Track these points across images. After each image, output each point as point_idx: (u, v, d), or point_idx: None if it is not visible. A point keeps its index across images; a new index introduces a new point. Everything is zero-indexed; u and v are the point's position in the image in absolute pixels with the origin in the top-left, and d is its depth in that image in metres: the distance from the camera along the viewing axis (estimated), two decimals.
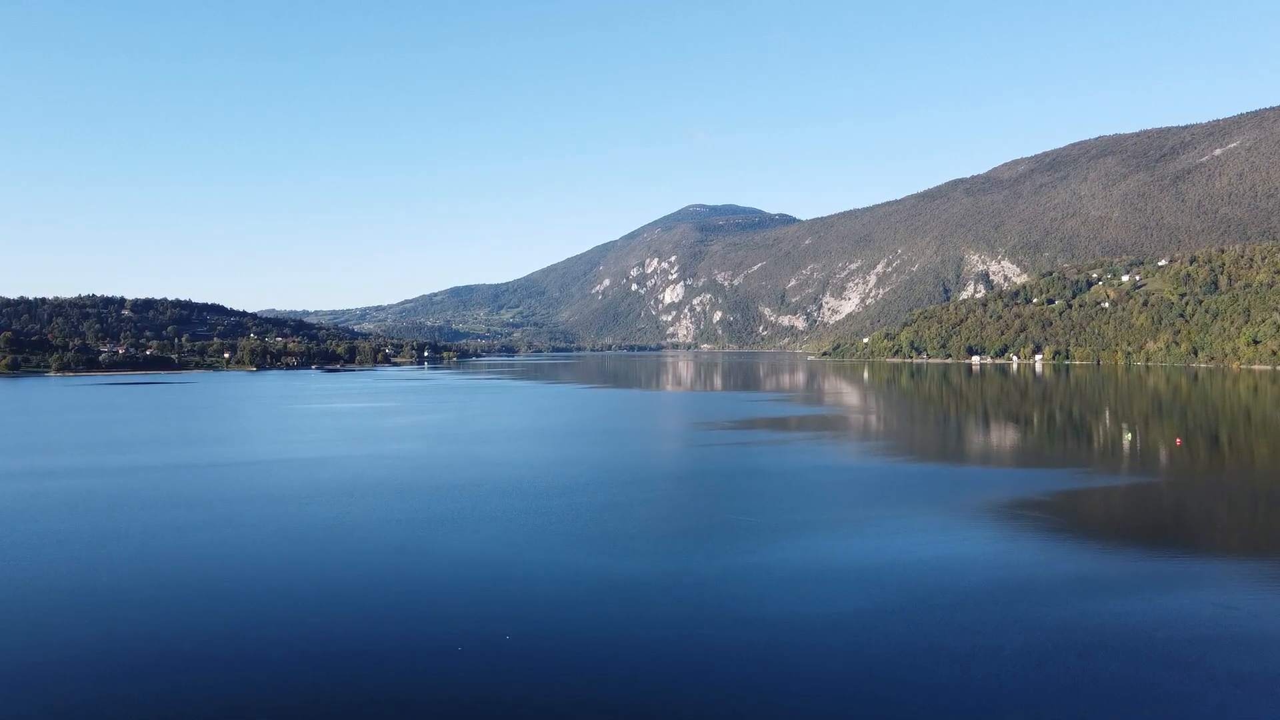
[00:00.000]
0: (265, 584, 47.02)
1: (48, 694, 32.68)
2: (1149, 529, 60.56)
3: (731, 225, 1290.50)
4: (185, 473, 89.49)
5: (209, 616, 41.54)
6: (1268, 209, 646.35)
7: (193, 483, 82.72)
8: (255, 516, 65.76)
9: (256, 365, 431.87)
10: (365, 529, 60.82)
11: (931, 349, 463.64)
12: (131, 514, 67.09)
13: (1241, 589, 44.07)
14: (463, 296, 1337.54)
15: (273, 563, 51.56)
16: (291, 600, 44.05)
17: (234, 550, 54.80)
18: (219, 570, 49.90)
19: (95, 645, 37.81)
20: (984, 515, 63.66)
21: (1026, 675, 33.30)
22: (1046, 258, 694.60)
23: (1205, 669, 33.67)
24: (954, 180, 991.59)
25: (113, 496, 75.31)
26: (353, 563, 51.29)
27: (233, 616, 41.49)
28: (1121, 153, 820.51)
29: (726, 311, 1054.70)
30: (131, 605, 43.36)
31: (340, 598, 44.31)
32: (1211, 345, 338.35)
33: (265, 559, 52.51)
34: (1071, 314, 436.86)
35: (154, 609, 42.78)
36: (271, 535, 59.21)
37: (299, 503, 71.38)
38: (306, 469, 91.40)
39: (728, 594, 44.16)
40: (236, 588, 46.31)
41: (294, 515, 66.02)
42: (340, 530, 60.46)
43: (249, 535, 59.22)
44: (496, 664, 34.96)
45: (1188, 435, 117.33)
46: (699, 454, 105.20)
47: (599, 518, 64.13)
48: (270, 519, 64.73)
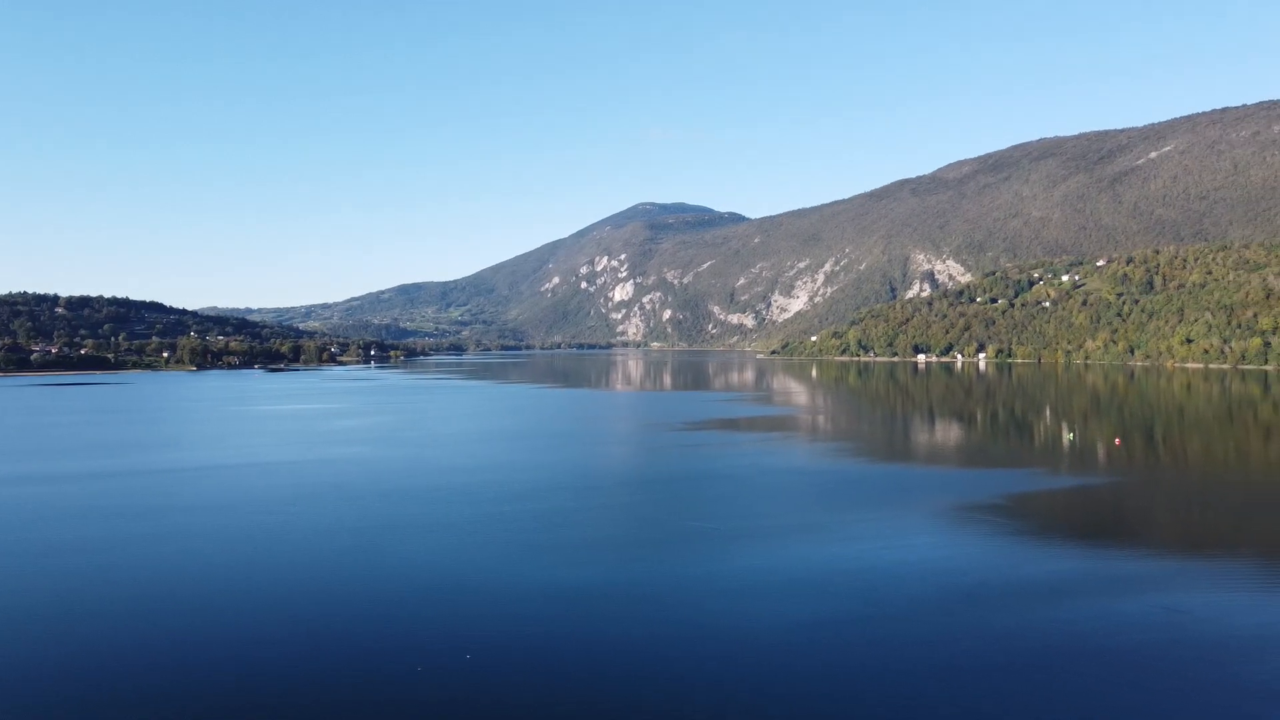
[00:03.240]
0: (209, 600, 45.41)
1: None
2: (1093, 531, 61.49)
3: (681, 224, 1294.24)
4: (123, 481, 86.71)
5: (149, 637, 40.00)
6: (1199, 211, 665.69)
7: (131, 491, 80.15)
8: (196, 527, 63.76)
9: (197, 365, 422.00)
10: (314, 539, 59.31)
11: (879, 348, 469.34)
12: (64, 526, 64.73)
13: (1187, 591, 44.79)
14: (410, 294, 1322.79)
15: (216, 577, 49.88)
16: (238, 617, 42.56)
17: (175, 564, 52.96)
18: (159, 586, 48.11)
19: (34, 664, 36.07)
20: (934, 519, 64.18)
21: (979, 685, 33.39)
22: (990, 257, 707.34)
23: (1153, 674, 34.06)
24: (900, 180, 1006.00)
25: (42, 508, 72.52)
26: (301, 576, 49.88)
27: (174, 637, 39.96)
28: (1062, 155, 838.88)
29: (676, 310, 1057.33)
30: (67, 624, 41.61)
31: (290, 613, 42.98)
32: (1147, 344, 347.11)
33: (208, 573, 50.78)
34: (1014, 313, 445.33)
35: (90, 629, 41.06)
36: (214, 547, 57.36)
37: (243, 512, 69.47)
38: (251, 475, 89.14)
39: (686, 604, 43.75)
40: (178, 605, 44.64)
41: (238, 525, 64.16)
42: (287, 540, 58.87)
43: (190, 547, 57.30)
44: (459, 685, 34.06)
45: (1125, 434, 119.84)
46: (653, 457, 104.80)
47: (554, 525, 63.39)
48: (212, 529, 62.80)
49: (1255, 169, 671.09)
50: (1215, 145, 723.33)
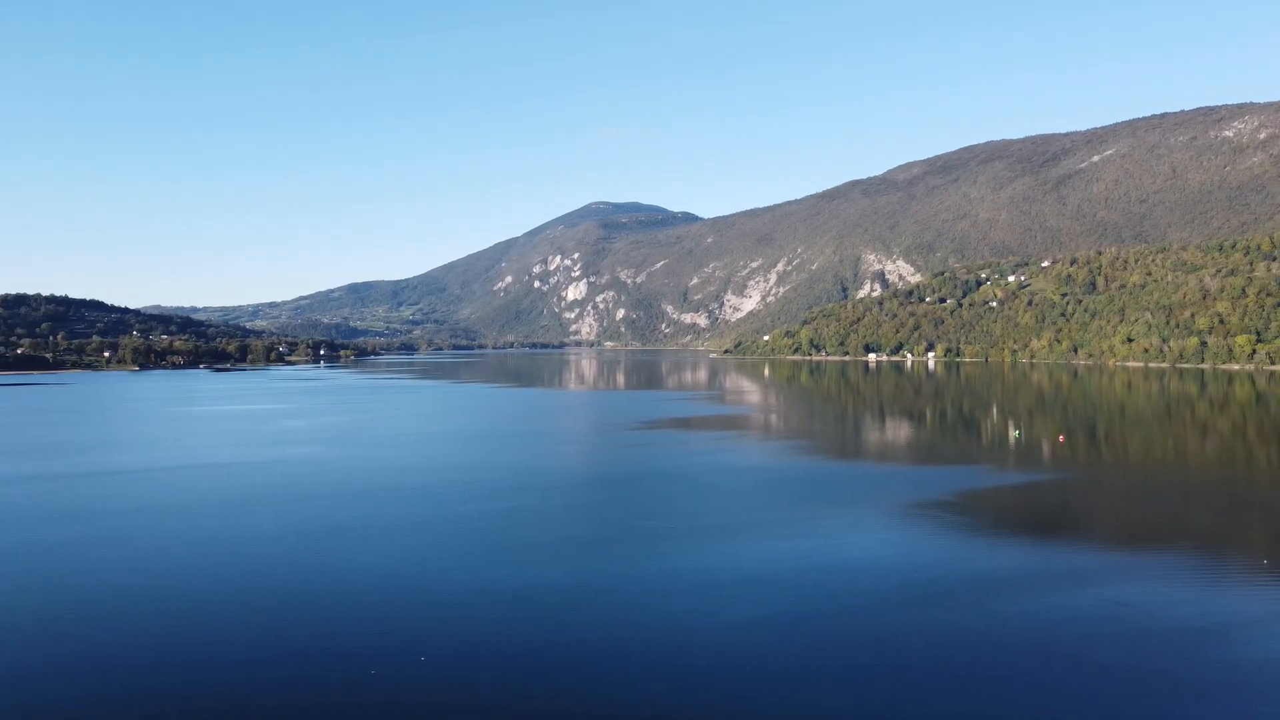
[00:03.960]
0: (153, 605, 44.31)
1: None
2: (1039, 526, 62.69)
3: (635, 223, 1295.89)
4: (62, 483, 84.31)
5: (87, 643, 38.91)
6: (1140, 213, 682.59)
7: (70, 494, 77.98)
8: (139, 530, 62.23)
9: (139, 365, 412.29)
10: (263, 541, 58.23)
11: (830, 347, 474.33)
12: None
13: (1129, 584, 45.83)
14: (361, 293, 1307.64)
15: (160, 581, 48.72)
16: (184, 622, 41.61)
17: (117, 569, 51.61)
18: (101, 591, 46.83)
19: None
20: (885, 516, 64.95)
21: (931, 679, 33.84)
22: (939, 258, 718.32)
23: (1100, 666, 34.76)
24: (852, 181, 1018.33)
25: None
26: (250, 579, 48.93)
27: (116, 643, 38.92)
28: (1008, 157, 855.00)
29: (630, 309, 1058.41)
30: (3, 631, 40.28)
31: (238, 618, 42.11)
32: (1090, 343, 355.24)
33: (151, 577, 49.58)
34: (962, 313, 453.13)
35: (26, 635, 39.84)
36: (158, 550, 56.04)
37: (189, 514, 67.98)
38: (197, 477, 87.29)
39: (641, 603, 43.74)
40: (120, 610, 43.49)
41: (183, 528, 62.76)
42: (235, 543, 57.72)
43: (133, 551, 55.92)
44: (414, 688, 33.62)
45: (1069, 431, 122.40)
46: (607, 457, 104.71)
47: (509, 525, 63.00)
48: (156, 532, 61.33)
49: (1193, 173, 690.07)
50: (1155, 149, 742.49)
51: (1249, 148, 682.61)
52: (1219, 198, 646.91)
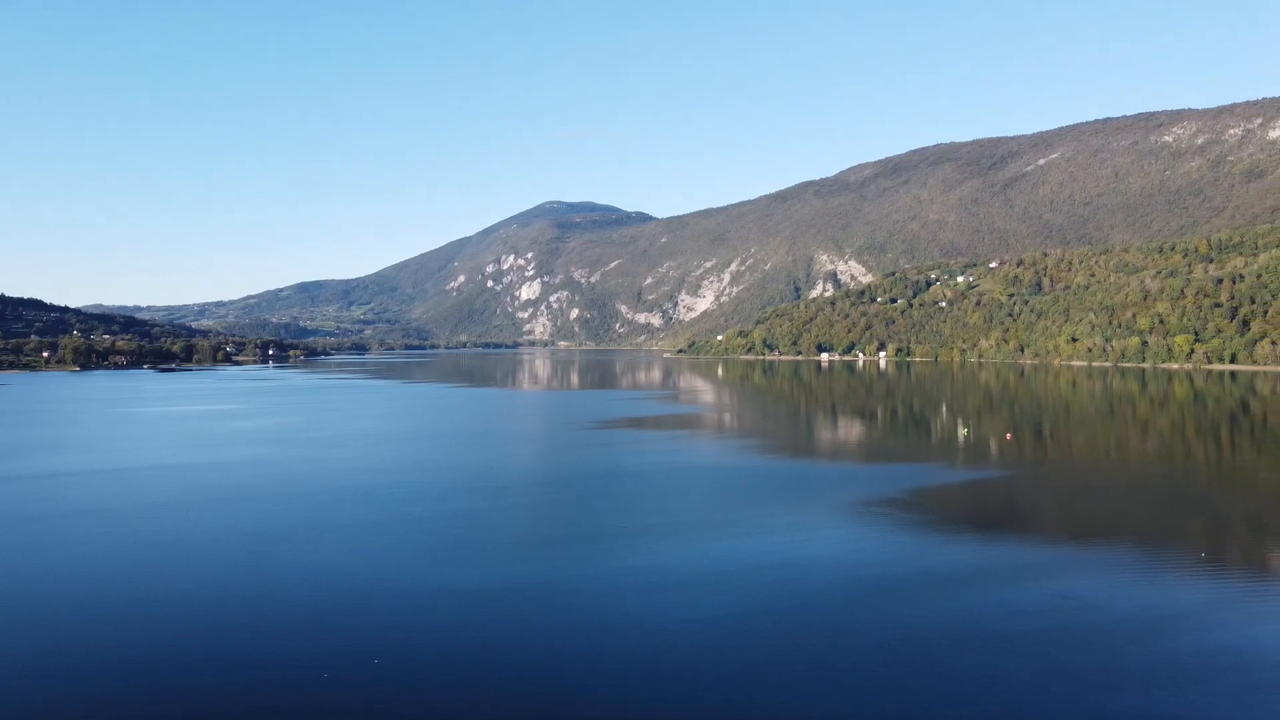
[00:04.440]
0: (97, 609, 43.33)
1: None
2: (988, 522, 63.90)
3: (589, 223, 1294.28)
4: (1, 486, 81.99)
5: (33, 648, 37.94)
6: (1084, 216, 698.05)
7: (11, 497, 75.87)
8: (83, 533, 60.79)
9: (81, 365, 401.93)
10: (211, 544, 57.19)
11: (783, 346, 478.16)
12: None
13: (1074, 577, 46.93)
14: (311, 292, 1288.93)
15: (104, 585, 47.64)
16: (128, 626, 40.77)
17: (61, 573, 50.33)
18: (42, 596, 45.67)
19: None
20: (837, 514, 65.72)
21: (884, 673, 34.35)
22: (890, 258, 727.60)
23: (1047, 659, 35.58)
24: (804, 182, 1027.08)
25: None
26: (198, 582, 48.04)
27: (59, 648, 38.01)
28: (957, 160, 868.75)
29: (584, 309, 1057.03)
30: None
31: (186, 622, 41.36)
32: (1036, 343, 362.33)
33: (97, 582, 48.44)
34: (913, 313, 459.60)
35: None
36: (102, 554, 54.80)
37: (134, 517, 66.56)
38: (142, 479, 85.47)
39: (596, 601, 43.79)
40: (62, 615, 42.48)
41: (128, 531, 61.44)
42: (182, 546, 56.64)
43: (77, 555, 54.60)
44: (368, 691, 33.30)
45: (1016, 429, 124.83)
46: (561, 456, 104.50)
47: (463, 525, 62.63)
48: (100, 536, 59.96)
49: (1134, 176, 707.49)
50: (1098, 154, 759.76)
51: (1187, 153, 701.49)
52: (1159, 201, 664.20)
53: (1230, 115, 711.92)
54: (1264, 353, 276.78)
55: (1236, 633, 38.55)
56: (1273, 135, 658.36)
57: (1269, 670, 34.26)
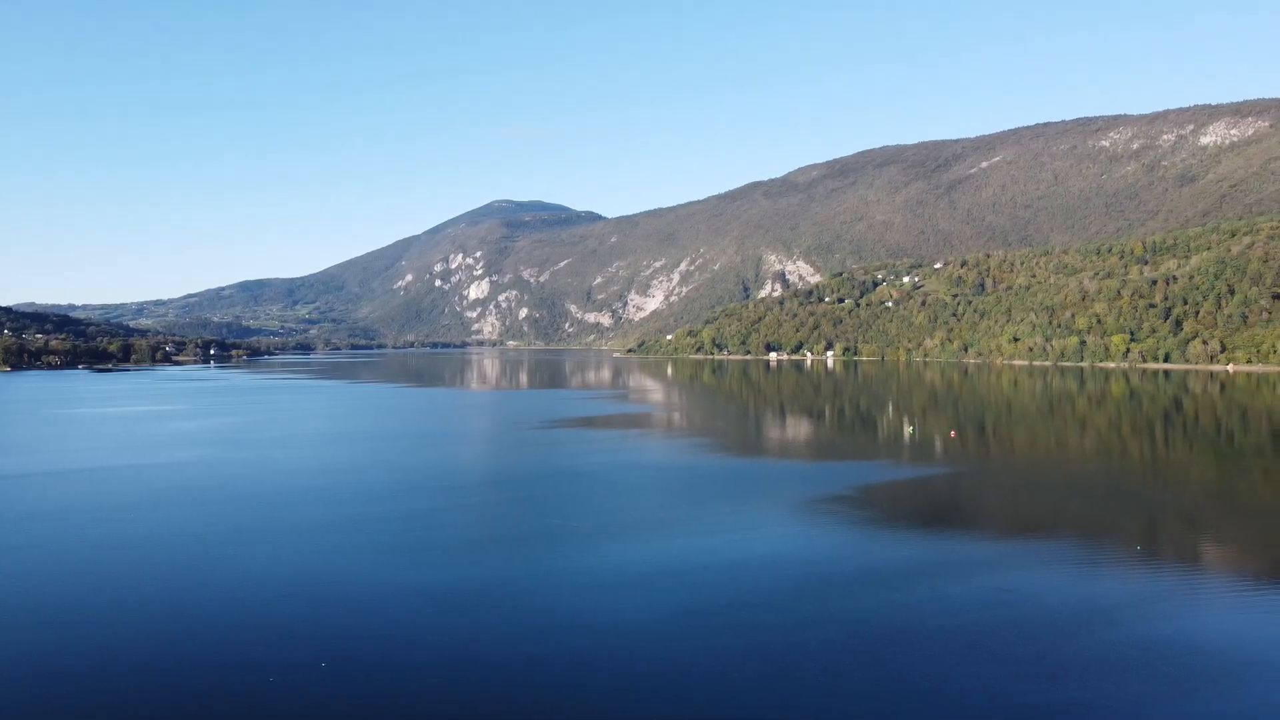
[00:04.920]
0: (38, 615, 42.04)
1: None
2: (932, 519, 64.96)
3: (538, 222, 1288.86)
4: None
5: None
6: (1025, 218, 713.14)
7: None
8: (20, 538, 58.90)
9: (12, 365, 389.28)
10: (154, 546, 55.85)
11: (732, 345, 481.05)
12: None
13: (1015, 572, 47.95)
14: (254, 291, 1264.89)
15: (46, 591, 46.25)
16: (70, 631, 39.66)
17: (3, 578, 48.79)
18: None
19: None
20: (785, 512, 66.32)
21: (831, 667, 34.78)
22: (837, 259, 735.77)
23: (990, 652, 36.31)
24: (753, 183, 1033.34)
25: None
26: (141, 586, 46.86)
27: (8, 653, 36.82)
28: (903, 162, 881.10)
29: (533, 308, 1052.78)
30: None
31: (128, 626, 40.34)
32: (979, 342, 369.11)
33: (37, 586, 47.01)
34: (860, 313, 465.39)
35: None
36: (40, 558, 53.19)
37: (73, 520, 64.68)
38: (81, 481, 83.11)
39: (547, 601, 43.64)
40: (9, 619, 41.20)
41: (67, 535, 59.69)
42: (124, 549, 55.24)
43: (14, 560, 52.89)
44: (315, 694, 32.80)
45: (960, 427, 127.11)
46: (511, 456, 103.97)
47: (412, 526, 61.97)
48: (38, 540, 58.16)
49: (1073, 180, 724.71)
50: (1039, 157, 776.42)
51: (1123, 157, 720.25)
52: (1097, 204, 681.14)
53: (1164, 121, 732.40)
54: (1196, 352, 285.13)
55: (1171, 623, 39.69)
56: (1204, 141, 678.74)
57: (1202, 658, 35.33)
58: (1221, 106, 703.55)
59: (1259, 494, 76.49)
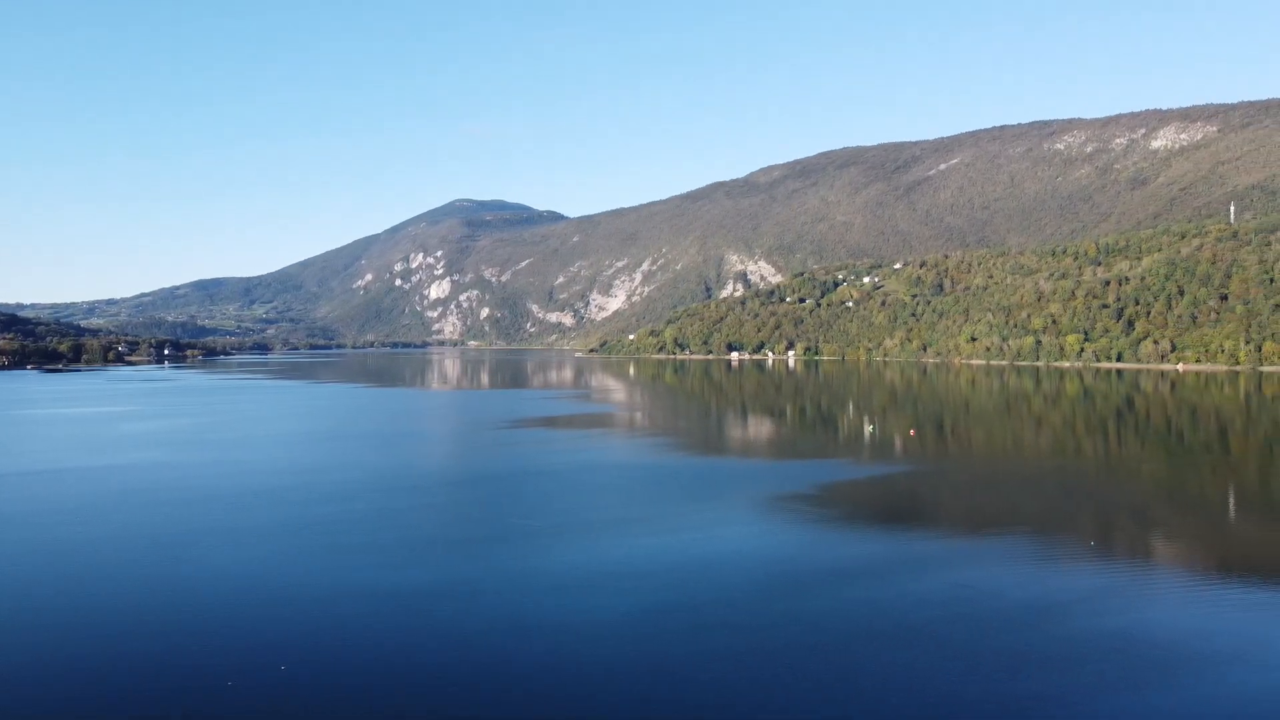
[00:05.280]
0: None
1: None
2: (892, 516, 65.82)
3: (500, 221, 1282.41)
4: None
5: None
6: (982, 219, 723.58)
7: None
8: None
9: None
10: (107, 549, 54.87)
11: (694, 345, 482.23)
12: None
13: (973, 568, 48.74)
14: (209, 290, 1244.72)
15: (1, 596, 45.29)
16: (22, 638, 38.86)
17: None
18: None
19: None
20: (748, 510, 66.76)
21: (793, 664, 35.09)
22: (799, 259, 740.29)
23: (949, 646, 36.88)
24: (715, 183, 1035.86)
25: None
26: (94, 590, 46.03)
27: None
28: (863, 163, 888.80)
29: (494, 308, 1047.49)
30: None
31: (83, 631, 39.62)
32: (938, 342, 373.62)
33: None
34: (820, 312, 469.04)
35: None
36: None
37: (22, 524, 63.32)
38: (30, 484, 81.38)
39: (510, 601, 43.56)
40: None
41: (21, 538, 58.47)
42: (76, 553, 54.22)
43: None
44: (275, 698, 32.44)
45: (919, 426, 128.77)
46: (472, 456, 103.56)
47: (372, 526, 61.49)
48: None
49: (1029, 182, 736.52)
50: (995, 159, 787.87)
51: (1077, 160, 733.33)
52: (1052, 206, 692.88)
53: (1116, 125, 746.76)
54: (1147, 351, 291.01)
55: (1123, 616, 40.58)
56: (1155, 145, 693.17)
57: (1153, 650, 36.19)
58: (1171, 111, 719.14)
59: (1207, 490, 78.41)
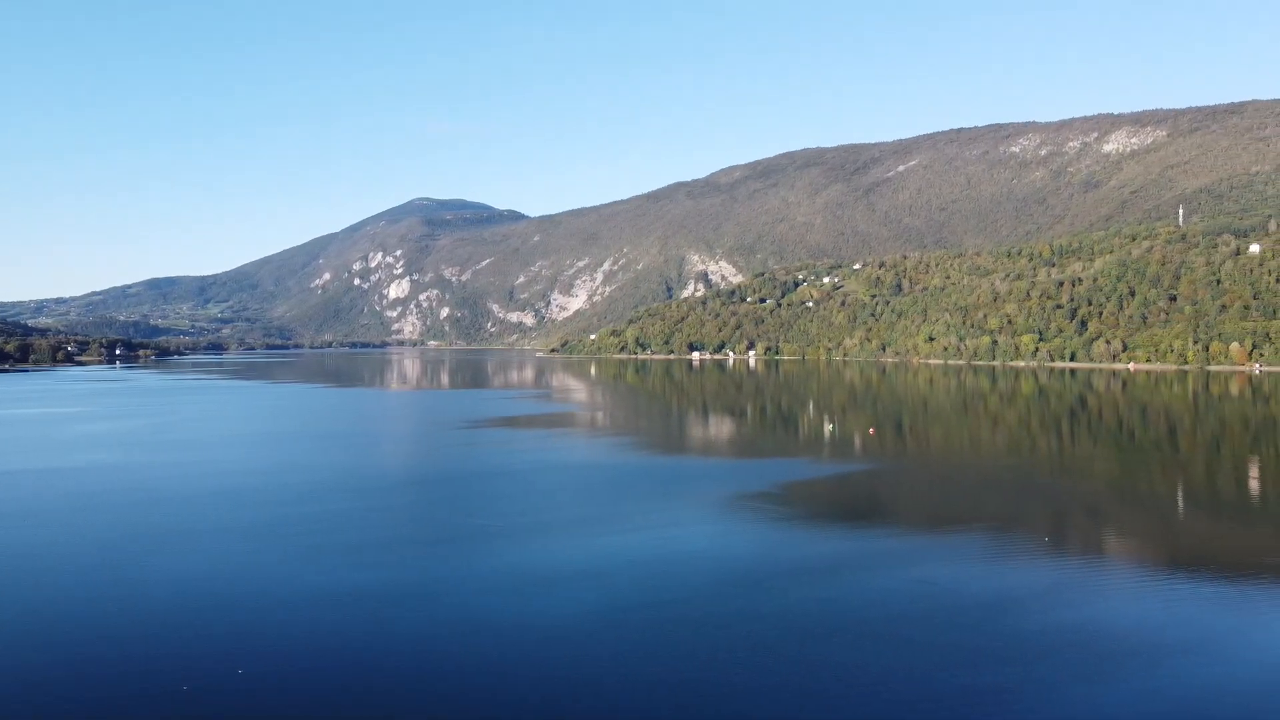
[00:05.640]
0: None
1: None
2: (852, 514, 66.38)
3: (460, 220, 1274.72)
4: None
5: None
6: (940, 221, 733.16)
7: None
8: None
9: None
10: (57, 553, 53.52)
11: (656, 345, 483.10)
12: None
13: (933, 564, 49.26)
14: (163, 289, 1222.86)
15: None
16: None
17: None
18: None
19: None
20: (709, 509, 66.89)
21: (754, 662, 35.14)
22: (759, 259, 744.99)
23: (908, 642, 37.19)
24: (676, 183, 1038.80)
25: None
26: (46, 595, 44.78)
27: None
28: (823, 164, 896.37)
29: (454, 308, 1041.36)
30: None
31: (31, 637, 38.55)
32: (897, 341, 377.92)
33: None
34: (781, 312, 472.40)
35: None
36: None
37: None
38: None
39: (470, 601, 43.24)
40: None
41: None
42: (28, 557, 52.80)
43: None
44: (231, 702, 31.79)
45: (878, 425, 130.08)
46: (432, 456, 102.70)
47: (331, 527, 60.63)
48: None
49: (985, 184, 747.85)
50: (953, 162, 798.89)
51: (1032, 163, 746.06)
52: (1007, 208, 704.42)
53: (1070, 129, 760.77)
54: (1100, 351, 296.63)
55: (1077, 610, 41.25)
56: (1106, 149, 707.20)
57: (1107, 643, 36.79)
58: (1123, 116, 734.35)
59: (1157, 487, 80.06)
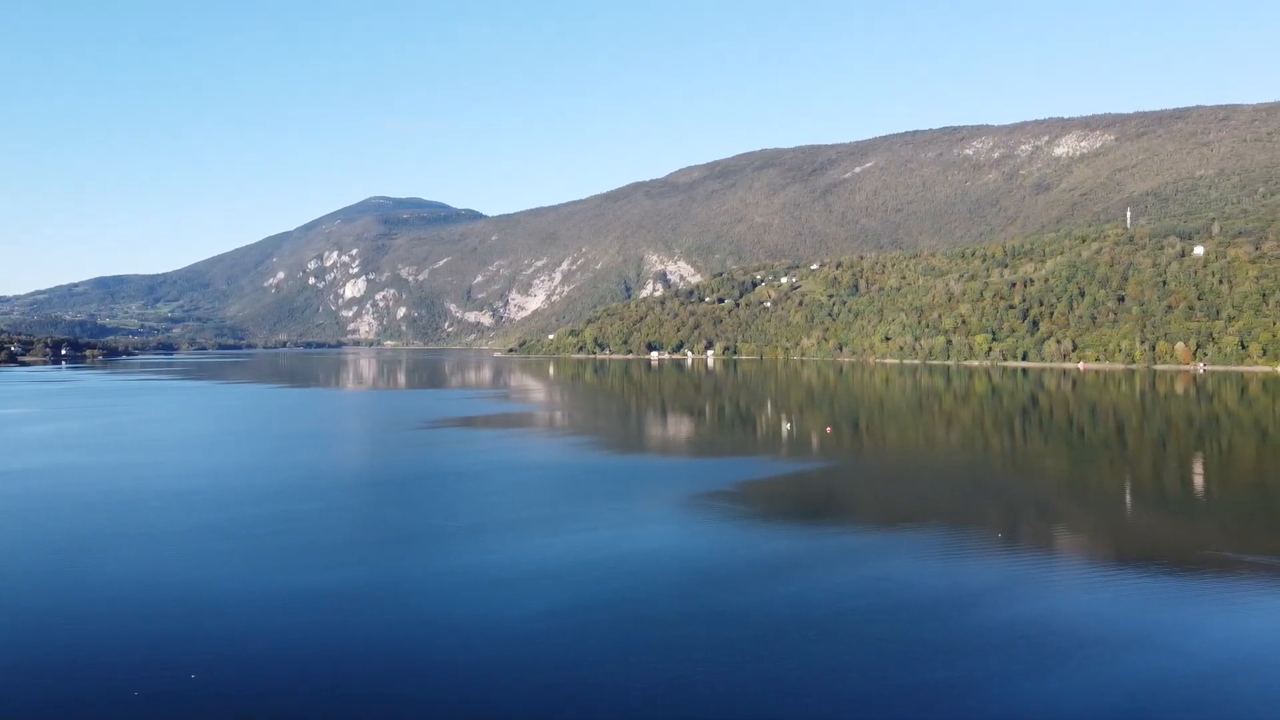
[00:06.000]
0: None
1: None
2: (810, 512, 66.93)
3: (417, 219, 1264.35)
4: None
5: None
6: (895, 222, 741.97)
7: None
8: None
9: None
10: (3, 557, 52.26)
11: (614, 345, 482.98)
12: None
13: (888, 561, 49.86)
14: (111, 288, 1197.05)
15: None
16: None
17: None
18: None
19: None
20: (668, 508, 67.05)
21: (713, 661, 35.32)
22: (718, 259, 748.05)
23: (864, 637, 37.67)
24: (635, 183, 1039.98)
25: None
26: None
27: None
28: (781, 165, 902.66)
29: (411, 307, 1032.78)
30: None
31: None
32: (854, 341, 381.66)
33: None
34: (739, 312, 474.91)
35: None
36: None
37: None
38: None
39: (428, 601, 42.92)
40: None
41: None
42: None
43: None
44: (184, 707, 31.24)
45: (835, 423, 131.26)
46: (389, 457, 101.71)
47: (286, 529, 59.78)
48: None
49: (940, 186, 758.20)
50: (908, 164, 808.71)
51: (985, 165, 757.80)
52: (961, 210, 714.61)
53: (1022, 132, 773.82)
54: (1051, 351, 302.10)
55: (1029, 605, 41.99)
56: (1057, 152, 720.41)
57: (1057, 637, 37.50)
58: (1073, 120, 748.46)
59: (1105, 484, 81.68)
